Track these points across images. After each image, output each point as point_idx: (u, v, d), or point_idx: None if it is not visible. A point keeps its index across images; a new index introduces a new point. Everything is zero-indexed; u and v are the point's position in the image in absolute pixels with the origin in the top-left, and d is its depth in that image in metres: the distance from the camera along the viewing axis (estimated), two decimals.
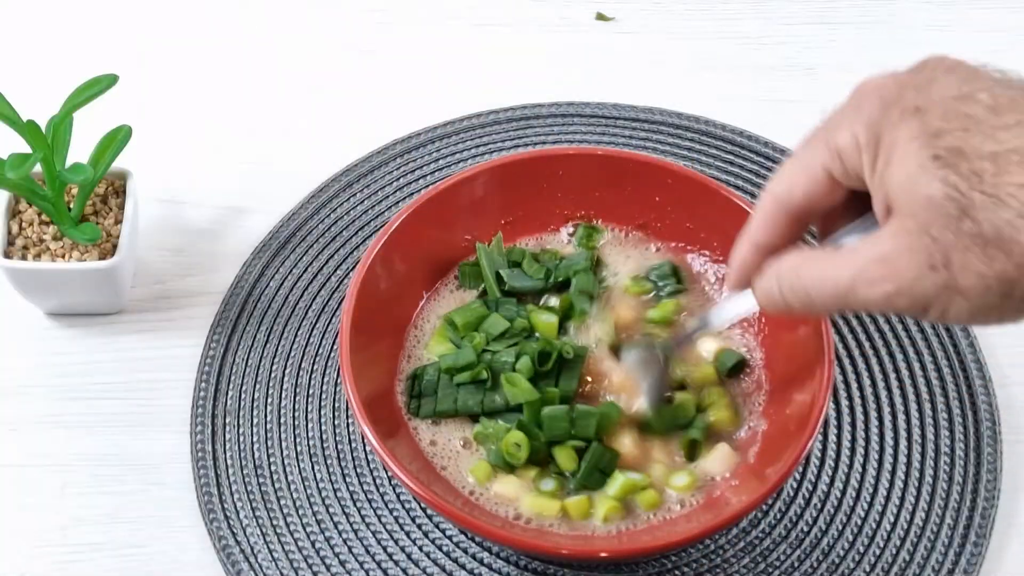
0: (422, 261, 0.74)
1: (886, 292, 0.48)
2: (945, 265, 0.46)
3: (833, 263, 0.50)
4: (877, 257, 0.48)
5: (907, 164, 0.46)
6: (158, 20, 0.97)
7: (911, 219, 0.46)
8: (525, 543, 0.63)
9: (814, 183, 0.52)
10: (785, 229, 0.55)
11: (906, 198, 0.46)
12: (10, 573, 0.68)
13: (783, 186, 0.54)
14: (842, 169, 0.50)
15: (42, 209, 0.74)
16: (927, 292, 0.47)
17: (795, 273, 0.53)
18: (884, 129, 0.48)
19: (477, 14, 0.97)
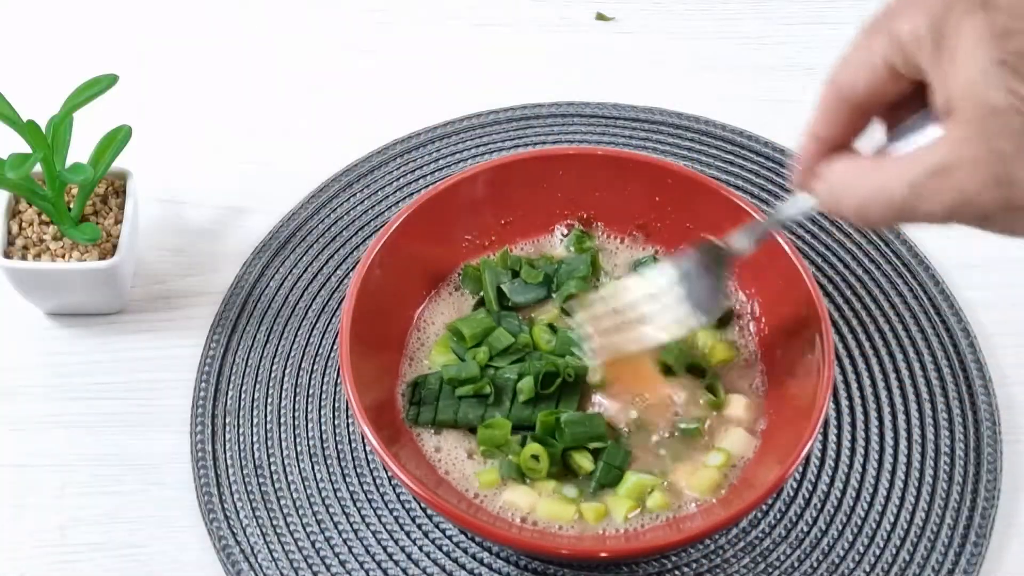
0: (422, 261, 0.74)
1: (946, 206, 0.45)
2: (1008, 182, 0.43)
3: (889, 173, 0.47)
4: (936, 168, 0.45)
5: (970, 66, 0.43)
6: (158, 20, 0.97)
7: (973, 126, 0.43)
8: (525, 543, 0.63)
9: (874, 73, 0.49)
10: (847, 121, 0.52)
11: (968, 103, 0.44)
12: (10, 573, 0.68)
13: (844, 77, 0.51)
14: (904, 61, 0.47)
15: (42, 209, 0.74)
16: (988, 207, 0.44)
17: (848, 182, 0.50)
18: (947, 23, 0.45)
19: (477, 14, 0.97)
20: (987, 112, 0.43)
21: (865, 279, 0.79)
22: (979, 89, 0.43)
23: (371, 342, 0.69)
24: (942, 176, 0.45)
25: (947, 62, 0.45)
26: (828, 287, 0.79)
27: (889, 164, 0.48)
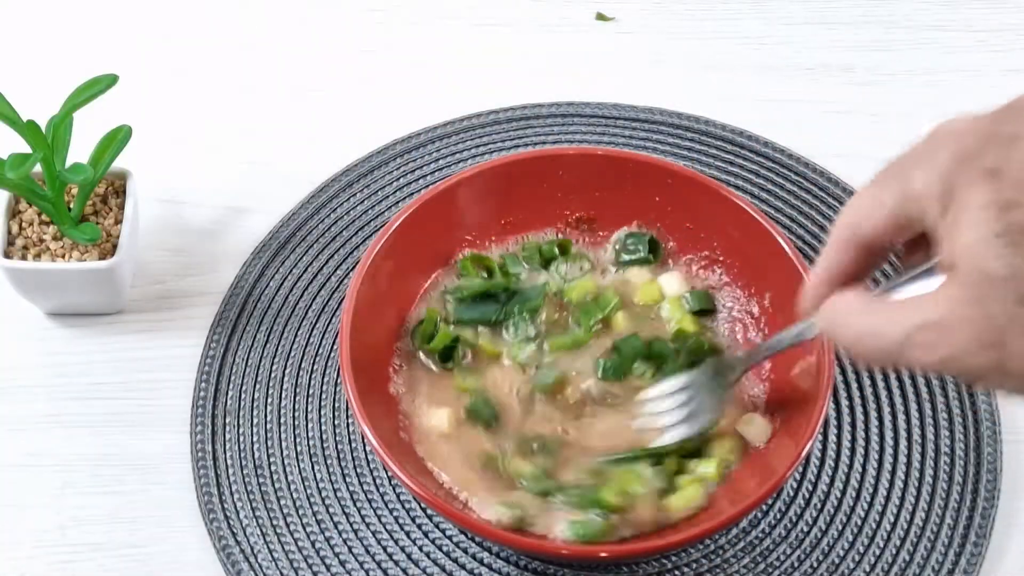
0: (422, 261, 0.74)
1: (936, 360, 0.46)
2: (997, 345, 0.44)
3: (886, 318, 0.49)
4: (930, 322, 0.46)
5: (973, 231, 0.45)
6: (158, 20, 0.97)
7: (969, 290, 0.45)
8: (525, 543, 0.63)
9: (884, 220, 0.50)
10: (857, 260, 0.53)
11: (967, 265, 0.45)
12: (10, 573, 0.68)
13: (855, 218, 0.52)
14: (912, 214, 0.49)
15: (42, 209, 0.74)
16: (978, 367, 0.45)
17: (851, 318, 0.52)
18: (957, 186, 0.46)
19: (477, 14, 0.97)
20: (984, 278, 0.44)
21: None
22: (979, 256, 0.44)
23: (371, 342, 0.69)
24: (935, 331, 0.46)
25: (952, 223, 0.46)
26: None
27: (887, 308, 0.50)
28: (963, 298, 0.45)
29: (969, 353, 0.45)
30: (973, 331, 0.45)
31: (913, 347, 0.47)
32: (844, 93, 0.92)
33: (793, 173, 0.85)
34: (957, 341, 0.45)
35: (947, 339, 0.46)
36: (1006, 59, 0.94)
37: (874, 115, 0.90)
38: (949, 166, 0.47)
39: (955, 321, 0.45)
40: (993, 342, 0.45)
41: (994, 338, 0.44)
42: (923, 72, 0.93)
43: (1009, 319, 0.44)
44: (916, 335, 0.47)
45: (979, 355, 0.45)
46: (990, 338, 0.45)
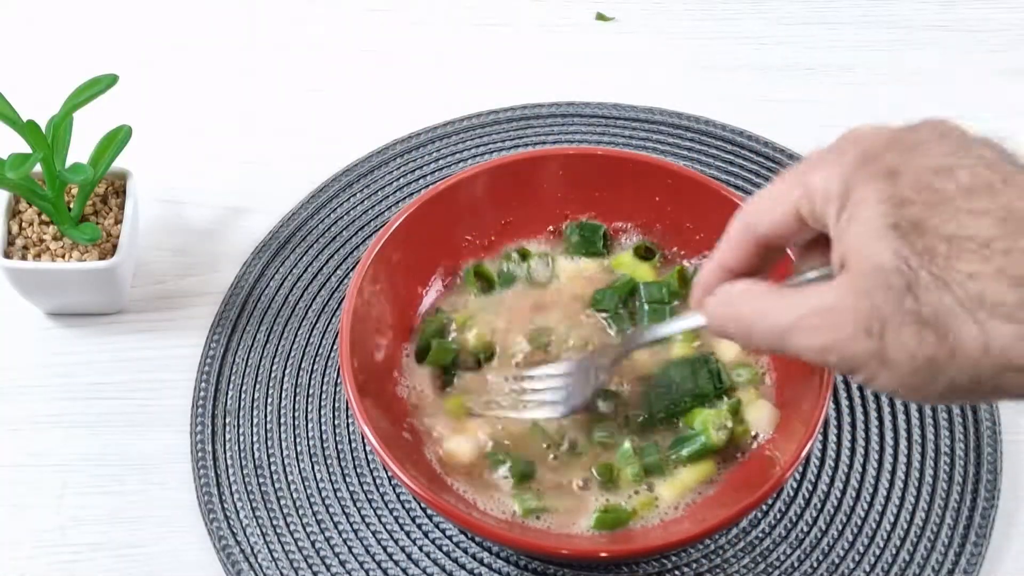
0: (422, 261, 0.74)
1: (819, 344, 0.48)
2: (879, 334, 0.46)
3: (777, 302, 0.50)
4: (819, 308, 0.48)
5: (866, 226, 0.46)
6: (158, 20, 0.97)
7: (859, 280, 0.46)
8: (525, 543, 0.63)
9: (782, 217, 0.52)
10: (751, 256, 0.54)
11: (858, 258, 0.46)
12: (10, 573, 0.68)
13: (752, 214, 0.54)
14: (810, 211, 0.50)
15: (42, 209, 0.74)
16: (857, 355, 0.47)
17: (741, 302, 0.53)
18: (855, 184, 0.47)
19: (477, 14, 0.97)
20: (873, 268, 0.46)
21: None
22: (870, 246, 0.46)
23: (371, 341, 0.69)
24: (821, 317, 0.48)
25: (847, 218, 0.48)
26: None
27: (780, 293, 0.51)
28: (851, 288, 0.47)
29: (851, 340, 0.46)
30: (857, 318, 0.46)
31: (799, 331, 0.49)
32: (844, 93, 0.92)
33: None
34: (840, 327, 0.47)
35: (831, 325, 0.47)
36: (1006, 59, 0.94)
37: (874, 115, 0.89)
38: (850, 166, 0.48)
39: (841, 309, 0.47)
40: (875, 331, 0.46)
41: (876, 327, 0.46)
42: (923, 72, 0.93)
43: (894, 308, 0.45)
44: (803, 320, 0.48)
45: (860, 343, 0.46)
46: (873, 326, 0.46)
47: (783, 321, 0.49)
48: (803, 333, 0.48)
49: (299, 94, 0.92)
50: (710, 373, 0.69)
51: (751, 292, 0.53)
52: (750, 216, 0.54)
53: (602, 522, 0.65)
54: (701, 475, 0.67)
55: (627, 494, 0.66)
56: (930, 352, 0.45)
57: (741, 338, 0.53)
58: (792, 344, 0.49)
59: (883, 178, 0.47)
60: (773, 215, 0.52)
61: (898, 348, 0.45)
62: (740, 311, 0.53)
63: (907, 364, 0.45)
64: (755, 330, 0.52)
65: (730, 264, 0.55)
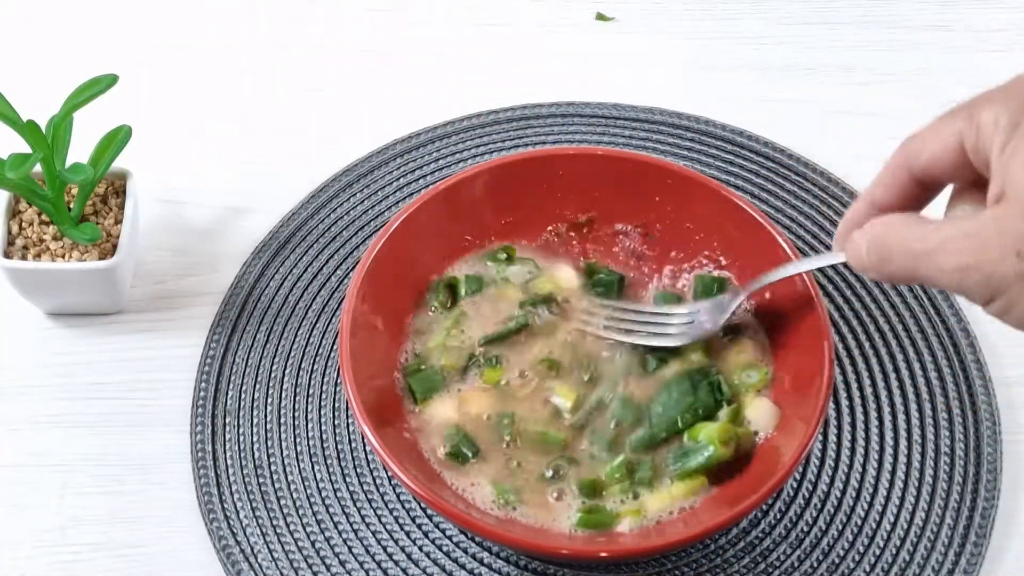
0: (422, 261, 0.74)
1: (962, 263, 0.47)
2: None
3: (923, 229, 0.50)
4: (967, 231, 0.47)
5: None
6: (158, 20, 0.97)
7: (1014, 206, 0.46)
8: (525, 543, 0.63)
9: (944, 148, 0.51)
10: (905, 192, 0.54)
11: (1018, 187, 0.46)
12: (10, 573, 0.68)
13: (914, 144, 0.53)
14: (975, 142, 0.50)
15: (42, 209, 0.74)
16: (1003, 276, 0.46)
17: (886, 232, 0.52)
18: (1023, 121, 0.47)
19: (477, 14, 0.97)
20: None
21: (865, 279, 0.79)
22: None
23: (371, 341, 0.69)
24: (969, 240, 0.47)
25: (1011, 151, 0.47)
26: (828, 287, 0.79)
27: (929, 221, 0.51)
28: (1006, 214, 0.46)
29: (999, 260, 0.46)
30: (1010, 240, 0.46)
31: (942, 252, 0.48)
32: (844, 93, 0.92)
33: (793, 173, 0.85)
34: (990, 248, 0.46)
35: (980, 246, 0.47)
36: (1006, 59, 0.94)
37: (874, 115, 0.90)
38: (1020, 103, 0.48)
39: (993, 231, 0.47)
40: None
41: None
42: (923, 72, 0.93)
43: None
44: (950, 243, 0.48)
45: (1008, 263, 0.46)
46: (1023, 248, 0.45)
47: (928, 243, 0.49)
48: (946, 254, 0.48)
49: (299, 94, 0.92)
50: (710, 386, 0.69)
51: (897, 222, 0.52)
52: (911, 148, 0.53)
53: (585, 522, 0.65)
54: (691, 489, 0.66)
55: (612, 501, 0.66)
56: None
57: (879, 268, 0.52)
58: (932, 265, 0.48)
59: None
60: (935, 146, 0.52)
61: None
62: (884, 240, 0.52)
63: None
64: (895, 253, 0.51)
65: (882, 200, 0.54)
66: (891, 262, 0.51)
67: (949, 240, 0.48)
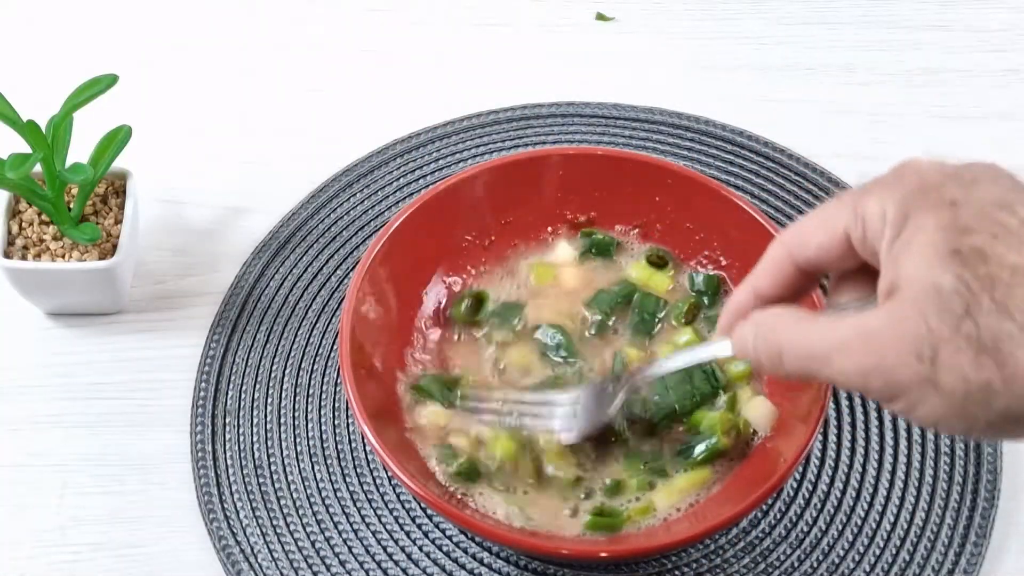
0: (422, 261, 0.74)
1: (863, 367, 0.47)
2: (932, 359, 0.45)
3: (815, 327, 0.49)
4: (864, 332, 0.47)
5: (926, 251, 0.45)
6: (158, 20, 0.97)
7: (912, 304, 0.45)
8: (525, 543, 0.63)
9: (830, 241, 0.51)
10: (789, 281, 0.54)
11: (913, 283, 0.45)
12: (10, 573, 0.68)
13: (797, 236, 0.53)
14: (861, 236, 0.49)
15: (42, 209, 0.74)
16: (904, 380, 0.46)
17: (774, 327, 0.52)
18: (914, 211, 0.47)
19: (477, 14, 0.97)
20: (931, 292, 0.45)
21: None
22: (929, 270, 0.45)
23: (371, 342, 0.69)
24: (868, 339, 0.47)
25: (902, 246, 0.47)
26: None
27: (821, 319, 0.50)
28: (903, 312, 0.46)
29: (899, 364, 0.45)
30: (909, 342, 0.45)
31: (839, 354, 0.47)
32: (844, 93, 0.92)
33: (793, 173, 0.85)
34: (888, 350, 0.46)
35: (877, 348, 0.46)
36: (1006, 59, 0.94)
37: (874, 115, 0.90)
38: (909, 194, 0.47)
39: (890, 332, 0.46)
40: (926, 355, 0.45)
41: (928, 351, 0.45)
42: (923, 72, 0.93)
43: (951, 332, 0.44)
44: (846, 344, 0.47)
45: (909, 367, 0.45)
46: (924, 350, 0.45)
47: (821, 345, 0.48)
48: (844, 357, 0.47)
49: (299, 94, 0.92)
50: (704, 374, 0.69)
51: (785, 317, 0.52)
52: (794, 239, 0.53)
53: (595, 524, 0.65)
54: (696, 481, 0.66)
55: (626, 500, 0.66)
56: (985, 377, 0.44)
57: (771, 365, 0.52)
58: (830, 368, 0.48)
59: (944, 207, 0.46)
60: (820, 239, 0.51)
61: (952, 373, 0.44)
62: (773, 336, 0.51)
63: (960, 390, 0.44)
64: (788, 355, 0.50)
65: (764, 289, 0.54)
66: (784, 362, 0.51)
67: (846, 342, 0.47)
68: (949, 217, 0.46)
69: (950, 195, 0.47)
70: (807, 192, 0.84)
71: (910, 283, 0.46)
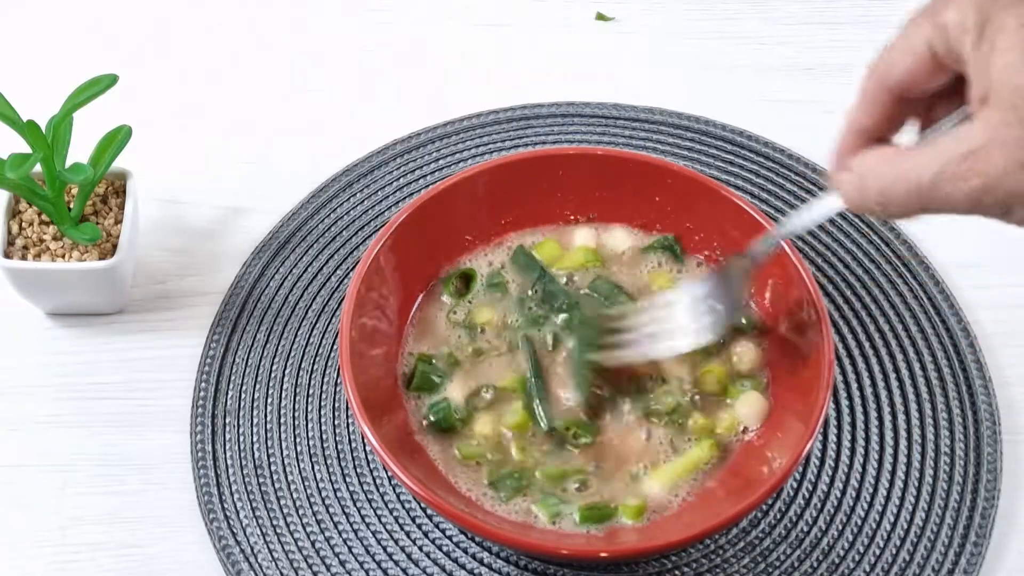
0: (422, 261, 0.74)
1: (972, 188, 0.45)
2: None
3: (916, 159, 0.47)
4: (965, 151, 0.45)
5: (1012, 52, 0.44)
6: (158, 20, 0.97)
7: (1009, 111, 0.44)
8: (525, 543, 0.63)
9: (916, 60, 0.49)
10: (886, 110, 0.52)
11: (1005, 87, 0.44)
12: (10, 573, 0.68)
13: (885, 62, 0.51)
14: (945, 47, 0.47)
15: (42, 209, 0.74)
16: (1017, 189, 0.44)
17: (874, 170, 0.50)
18: (993, 11, 0.45)
19: (477, 14, 0.97)
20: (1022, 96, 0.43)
21: (865, 279, 0.79)
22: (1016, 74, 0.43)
23: (371, 342, 0.69)
24: (971, 160, 0.45)
25: (987, 51, 0.45)
26: (828, 287, 0.79)
27: (920, 150, 0.48)
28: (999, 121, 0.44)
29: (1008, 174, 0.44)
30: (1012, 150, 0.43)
31: (947, 181, 0.45)
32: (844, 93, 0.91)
33: (793, 173, 0.85)
34: (995, 164, 0.44)
35: (983, 165, 0.44)
36: None
37: None
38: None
39: (991, 144, 0.44)
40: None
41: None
42: None
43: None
44: (950, 167, 0.45)
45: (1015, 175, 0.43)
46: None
47: (926, 175, 0.46)
48: (951, 181, 0.45)
49: (299, 94, 0.92)
50: None
51: (885, 157, 0.50)
52: (883, 65, 0.51)
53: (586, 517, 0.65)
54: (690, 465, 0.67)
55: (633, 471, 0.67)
56: None
57: (881, 210, 0.50)
58: (940, 196, 0.46)
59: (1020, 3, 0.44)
60: (906, 58, 0.50)
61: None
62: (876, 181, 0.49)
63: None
64: (895, 193, 0.48)
65: (864, 123, 0.52)
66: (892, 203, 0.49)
67: (949, 165, 0.45)
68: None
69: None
70: (807, 192, 0.84)
71: (1001, 88, 0.44)
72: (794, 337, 0.69)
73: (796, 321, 0.69)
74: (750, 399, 0.69)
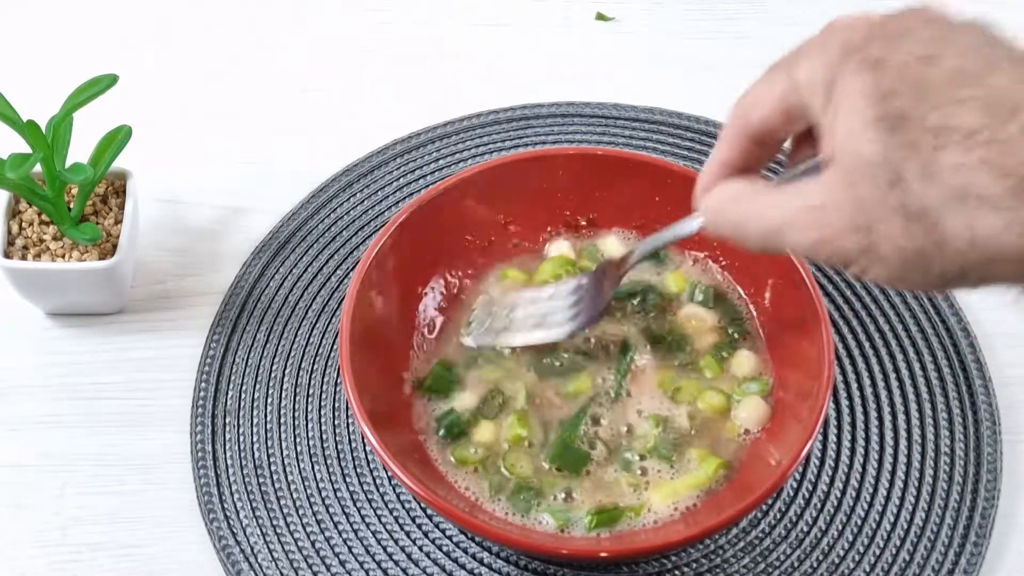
0: (422, 261, 0.74)
1: (811, 240, 0.47)
2: (868, 230, 0.45)
3: (770, 202, 0.50)
4: (808, 206, 0.47)
5: (851, 119, 0.45)
6: (158, 20, 0.97)
7: (845, 175, 0.46)
8: (525, 543, 0.63)
9: (772, 111, 0.51)
10: (748, 150, 0.54)
11: (846, 153, 0.46)
12: (10, 573, 0.68)
13: (745, 109, 0.53)
14: (797, 104, 0.50)
15: (42, 209, 0.74)
16: (848, 250, 0.46)
17: (734, 200, 0.52)
18: (839, 75, 0.47)
19: (477, 14, 0.97)
20: (859, 163, 0.45)
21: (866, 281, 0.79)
22: (855, 140, 0.45)
23: (371, 342, 0.69)
24: (812, 214, 0.47)
25: (832, 111, 0.47)
26: (828, 287, 0.79)
27: (772, 193, 0.50)
28: (838, 183, 0.46)
29: (841, 236, 0.46)
30: (845, 214, 0.46)
31: (791, 229, 0.48)
32: None
33: None
34: (830, 224, 0.46)
35: (822, 222, 0.47)
36: None
37: None
38: (835, 57, 0.47)
39: (830, 206, 0.46)
40: (863, 226, 0.45)
41: (864, 222, 0.45)
42: None
43: (881, 202, 0.44)
44: (795, 218, 0.48)
45: (850, 238, 0.46)
46: (861, 221, 0.45)
47: (775, 220, 0.49)
48: (795, 231, 0.48)
49: (299, 94, 0.92)
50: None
51: (744, 192, 0.52)
52: (741, 111, 0.53)
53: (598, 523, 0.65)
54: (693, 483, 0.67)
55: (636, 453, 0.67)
56: (918, 244, 0.44)
57: (736, 238, 0.52)
58: (785, 242, 0.49)
59: (868, 69, 0.45)
60: (762, 110, 0.52)
61: (887, 243, 0.45)
62: (733, 214, 0.52)
63: (897, 258, 0.45)
64: (749, 230, 0.51)
65: (728, 160, 0.54)
66: (748, 237, 0.51)
67: (795, 216, 0.48)
68: (872, 80, 0.45)
69: (875, 53, 0.46)
70: None
71: (841, 153, 0.46)
72: (794, 337, 0.69)
73: (796, 321, 0.69)
74: (751, 404, 0.69)
